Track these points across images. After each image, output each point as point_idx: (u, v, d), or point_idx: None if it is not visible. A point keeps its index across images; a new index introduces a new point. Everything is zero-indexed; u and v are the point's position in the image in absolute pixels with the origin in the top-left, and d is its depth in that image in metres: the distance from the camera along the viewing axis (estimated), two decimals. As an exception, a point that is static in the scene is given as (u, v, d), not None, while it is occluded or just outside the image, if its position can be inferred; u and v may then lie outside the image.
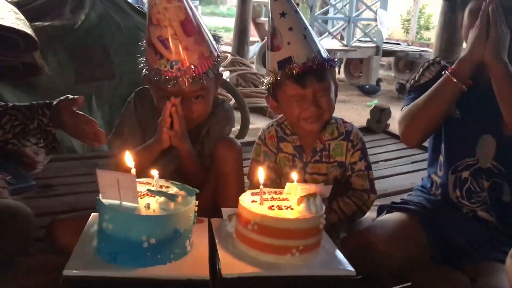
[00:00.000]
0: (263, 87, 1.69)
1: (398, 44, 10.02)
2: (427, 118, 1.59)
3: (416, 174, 2.85)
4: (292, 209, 1.22)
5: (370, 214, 1.82)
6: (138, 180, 1.26)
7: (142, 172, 1.36)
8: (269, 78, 1.63)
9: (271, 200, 1.26)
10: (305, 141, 1.72)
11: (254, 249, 1.20)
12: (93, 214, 1.32)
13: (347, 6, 8.37)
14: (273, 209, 1.21)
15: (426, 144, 3.18)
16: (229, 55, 6.53)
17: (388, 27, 8.58)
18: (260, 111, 5.59)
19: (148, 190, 1.18)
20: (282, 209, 1.21)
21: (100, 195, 1.16)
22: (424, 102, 1.58)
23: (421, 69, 1.74)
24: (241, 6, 7.38)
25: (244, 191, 1.33)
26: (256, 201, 1.24)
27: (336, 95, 1.69)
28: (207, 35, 1.65)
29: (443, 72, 1.56)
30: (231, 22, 9.38)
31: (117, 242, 1.12)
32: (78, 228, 1.28)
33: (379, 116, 3.58)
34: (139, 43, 1.68)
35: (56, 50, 3.16)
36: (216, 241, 1.27)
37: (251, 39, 8.08)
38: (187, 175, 1.71)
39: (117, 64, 3.35)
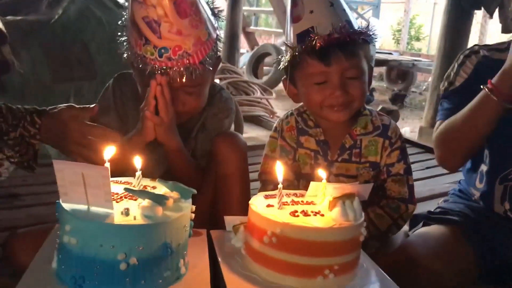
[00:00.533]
0: (280, 67, 1.37)
1: (390, 53, 9.87)
2: (467, 142, 1.33)
3: (433, 180, 2.59)
4: (322, 215, 0.91)
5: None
6: (114, 179, 0.94)
7: (122, 175, 1.04)
8: (286, 56, 1.33)
9: (293, 204, 0.95)
10: (330, 135, 1.41)
11: (271, 270, 0.89)
12: (57, 225, 0.99)
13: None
14: (297, 216, 0.89)
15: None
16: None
17: (380, 36, 8.41)
18: (253, 120, 5.33)
19: (126, 189, 0.86)
20: (309, 215, 0.90)
21: (60, 198, 0.84)
22: (462, 123, 1.31)
23: (455, 65, 1.44)
24: (231, 12, 7.16)
25: (250, 197, 1.02)
26: (273, 206, 0.93)
27: (370, 80, 1.38)
28: (205, 11, 1.34)
29: (481, 87, 1.26)
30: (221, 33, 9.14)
31: (84, 262, 0.80)
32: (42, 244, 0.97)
33: (387, 118, 3.30)
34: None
35: (30, 46, 2.87)
36: (219, 259, 0.96)
37: (240, 50, 7.87)
38: (179, 178, 1.39)
39: (99, 63, 3.06)
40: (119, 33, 1.35)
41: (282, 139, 1.44)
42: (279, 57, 1.37)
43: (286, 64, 1.34)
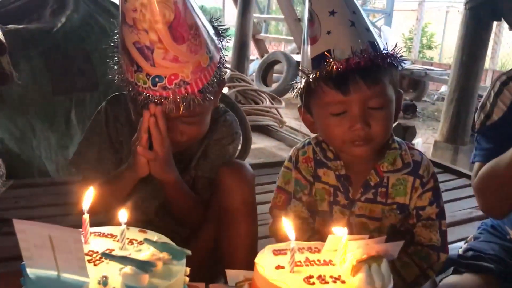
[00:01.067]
0: (293, 95, 1.20)
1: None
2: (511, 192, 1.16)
3: (453, 205, 2.41)
4: (343, 281, 0.75)
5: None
6: (93, 230, 0.80)
7: (114, 210, 0.89)
8: (300, 81, 1.17)
9: (307, 265, 0.79)
10: (353, 170, 1.23)
11: None
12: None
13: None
14: (313, 283, 0.74)
15: (461, 169, 2.74)
16: (228, 70, 6.14)
17: (392, 44, 8.25)
18: (261, 130, 5.19)
19: (104, 255, 0.71)
20: (327, 282, 0.75)
21: (25, 262, 0.69)
22: (506, 170, 1.14)
23: (491, 94, 1.27)
24: (241, 19, 7.05)
25: (257, 235, 0.86)
26: (283, 267, 0.77)
27: (399, 107, 1.21)
28: (206, 32, 1.18)
29: None
30: (230, 43, 9.03)
31: None
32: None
33: (403, 136, 3.12)
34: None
35: (30, 56, 2.75)
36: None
37: (250, 57, 7.75)
38: (177, 214, 1.25)
39: (101, 73, 2.91)
40: (110, 54, 1.21)
41: (297, 171, 1.26)
42: (294, 82, 1.21)
43: (300, 91, 1.17)
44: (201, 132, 1.26)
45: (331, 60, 1.09)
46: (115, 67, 1.18)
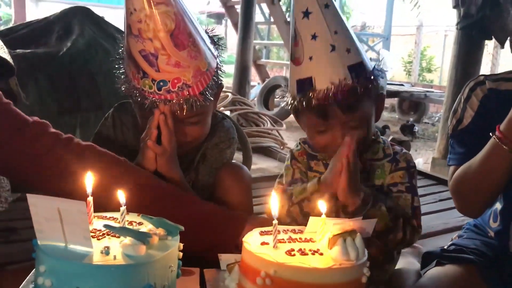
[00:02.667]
0: (286, 106, 1.34)
1: (402, 85, 9.83)
2: (485, 193, 1.25)
3: (447, 213, 2.48)
4: (321, 254, 0.83)
5: (410, 265, 1.44)
6: (99, 214, 0.88)
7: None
8: (288, 99, 1.31)
9: (290, 242, 0.88)
10: None
11: (266, 316, 0.81)
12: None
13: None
14: (294, 255, 0.82)
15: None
16: (229, 94, 6.26)
17: (391, 67, 8.40)
18: (263, 151, 5.27)
19: (106, 226, 0.79)
20: (307, 254, 0.83)
21: (37, 235, 0.78)
22: (476, 174, 1.23)
23: (461, 99, 1.36)
24: (241, 45, 7.21)
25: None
26: (268, 243, 0.86)
27: (380, 108, 1.33)
28: (204, 41, 1.31)
29: (491, 134, 1.17)
30: (231, 68, 9.20)
31: (60, 306, 0.73)
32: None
33: (397, 150, 3.22)
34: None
35: (38, 78, 2.88)
36: (211, 302, 0.88)
37: (251, 83, 7.91)
38: None
39: (105, 94, 3.03)
40: (116, 66, 1.33)
41: (296, 162, 1.40)
42: (284, 95, 1.34)
43: (289, 106, 1.30)
44: (203, 133, 1.36)
45: (311, 90, 1.20)
46: (122, 76, 1.29)
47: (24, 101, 2.62)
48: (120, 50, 1.34)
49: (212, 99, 1.31)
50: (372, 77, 1.24)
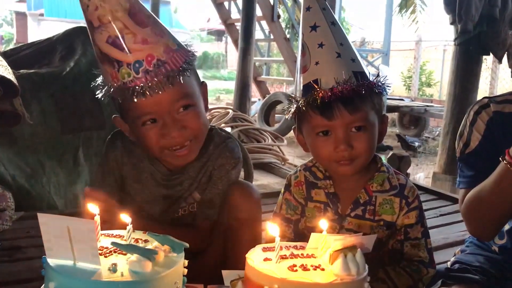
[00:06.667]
0: (287, 117, 1.35)
1: (402, 99, 9.89)
2: (499, 215, 1.25)
3: (447, 228, 2.49)
4: (323, 269, 0.86)
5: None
6: (105, 232, 0.91)
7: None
8: (292, 107, 1.31)
9: (292, 258, 0.90)
10: (343, 187, 1.36)
11: (269, 330, 0.83)
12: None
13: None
14: (296, 270, 0.84)
15: (455, 195, 2.83)
16: (230, 110, 6.31)
17: (391, 82, 8.46)
18: (264, 167, 5.29)
19: (113, 244, 0.82)
20: (309, 269, 0.85)
21: (46, 253, 0.80)
22: (489, 197, 1.23)
23: (467, 123, 1.37)
24: (242, 62, 7.28)
25: None
26: (270, 259, 0.88)
27: (384, 130, 1.34)
28: (167, 29, 1.31)
29: (500, 159, 1.17)
30: (232, 85, 9.27)
31: (68, 323, 0.75)
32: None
33: (398, 165, 3.24)
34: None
35: (41, 98, 2.91)
36: (215, 317, 0.90)
37: (252, 99, 7.97)
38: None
39: (108, 113, 3.06)
40: (95, 80, 1.35)
41: (289, 193, 1.40)
42: (286, 106, 1.34)
43: (293, 116, 1.32)
44: (201, 124, 1.33)
45: (317, 89, 1.22)
46: (100, 87, 1.31)
47: (28, 121, 2.66)
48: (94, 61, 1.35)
49: (191, 71, 1.29)
50: (376, 86, 1.27)
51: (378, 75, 1.30)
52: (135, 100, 1.22)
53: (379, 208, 1.32)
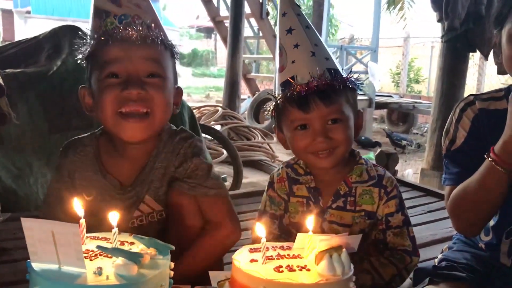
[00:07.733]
0: (266, 114, 1.40)
1: (390, 96, 9.94)
2: (483, 212, 1.27)
3: (435, 224, 2.50)
4: (308, 269, 0.86)
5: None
6: (91, 234, 0.90)
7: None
8: (271, 104, 1.35)
9: (278, 259, 0.90)
10: (323, 181, 1.39)
11: (256, 331, 0.83)
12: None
13: (337, 59, 8.27)
14: (282, 271, 0.85)
15: (442, 191, 2.85)
16: (220, 108, 6.31)
17: (379, 79, 8.51)
18: (253, 165, 5.31)
19: (98, 247, 0.82)
20: (295, 270, 0.85)
21: (31, 257, 0.80)
22: (474, 194, 1.25)
23: (453, 120, 1.38)
24: (231, 59, 7.28)
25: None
26: (256, 260, 0.88)
27: (359, 125, 1.37)
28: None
29: (485, 156, 1.19)
30: (221, 82, 9.26)
31: (54, 327, 0.75)
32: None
33: (386, 162, 3.25)
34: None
35: (28, 98, 2.88)
36: (202, 319, 0.91)
37: (242, 96, 7.96)
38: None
39: (95, 111, 3.05)
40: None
41: (272, 190, 1.44)
42: (266, 105, 1.38)
43: (271, 111, 1.35)
44: (164, 99, 1.28)
45: (294, 84, 1.27)
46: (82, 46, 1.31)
47: (14, 121, 2.64)
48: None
49: (170, 50, 1.31)
50: (347, 80, 1.31)
51: (350, 72, 1.35)
52: (110, 43, 1.23)
53: (359, 198, 1.36)
